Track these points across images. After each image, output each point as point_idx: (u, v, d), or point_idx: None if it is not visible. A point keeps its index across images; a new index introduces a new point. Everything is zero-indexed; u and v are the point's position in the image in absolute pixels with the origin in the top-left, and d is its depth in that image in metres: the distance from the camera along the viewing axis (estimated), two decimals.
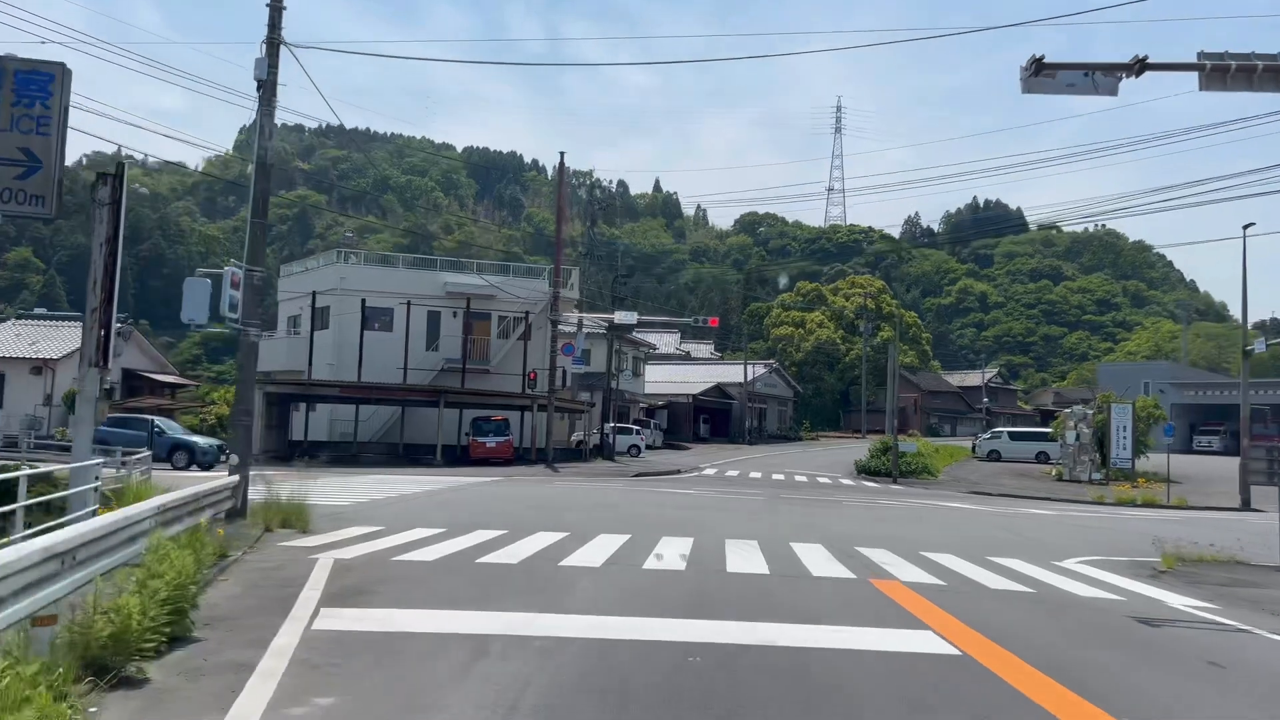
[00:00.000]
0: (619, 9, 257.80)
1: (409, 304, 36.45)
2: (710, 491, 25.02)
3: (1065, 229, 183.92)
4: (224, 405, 33.65)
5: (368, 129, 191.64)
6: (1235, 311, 76.83)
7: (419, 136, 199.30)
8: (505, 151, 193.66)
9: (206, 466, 27.23)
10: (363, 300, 36.16)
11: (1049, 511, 23.99)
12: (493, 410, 35.46)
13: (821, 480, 34.15)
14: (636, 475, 31.28)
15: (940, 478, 38.83)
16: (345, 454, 35.81)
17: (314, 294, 36.25)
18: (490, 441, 33.44)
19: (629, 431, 44.69)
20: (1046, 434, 50.64)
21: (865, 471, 38.75)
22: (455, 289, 38.88)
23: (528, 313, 38.05)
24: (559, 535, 12.90)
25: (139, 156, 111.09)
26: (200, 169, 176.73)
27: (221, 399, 33.57)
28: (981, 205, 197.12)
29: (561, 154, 32.12)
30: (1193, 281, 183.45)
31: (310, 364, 35.80)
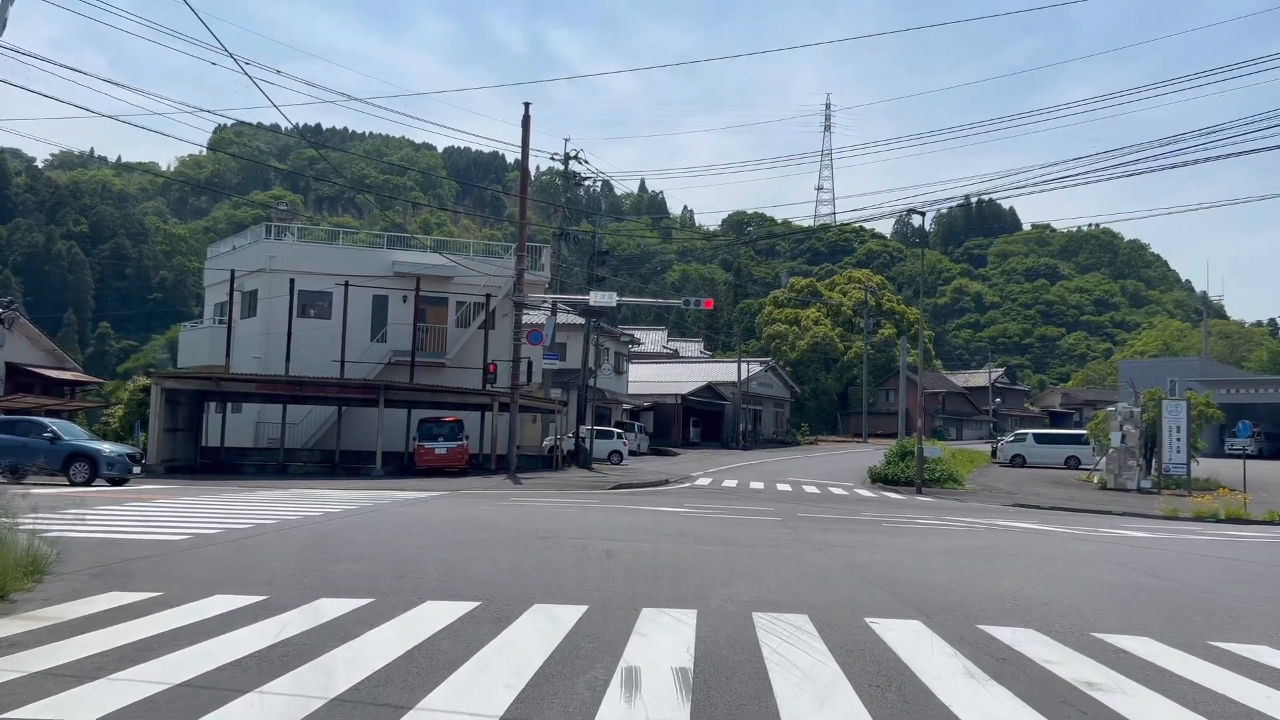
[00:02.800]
0: (603, 16, 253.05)
1: (347, 284, 30.84)
2: (708, 508, 19.57)
3: (1060, 227, 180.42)
4: (130, 406, 27.88)
5: (345, 128, 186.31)
6: (1233, 312, 72.78)
7: (398, 136, 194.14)
8: (488, 152, 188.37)
9: (118, 481, 21.72)
10: (291, 281, 30.62)
11: (1138, 532, 18.61)
12: (445, 410, 29.94)
13: (835, 490, 28.83)
14: (616, 487, 25.82)
15: (968, 486, 33.59)
16: (271, 463, 30.26)
17: (232, 272, 30.59)
18: (440, 448, 27.91)
19: (610, 435, 39.22)
20: (1078, 436, 45.38)
21: (882, 480, 33.46)
22: (405, 269, 33.34)
23: (489, 295, 32.50)
24: (461, 609, 7.43)
25: (111, 156, 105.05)
26: (173, 169, 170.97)
27: (130, 397, 27.79)
28: (974, 204, 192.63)
29: (526, 105, 26.75)
30: (1188, 281, 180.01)
31: (228, 356, 30.22)
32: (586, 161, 33.60)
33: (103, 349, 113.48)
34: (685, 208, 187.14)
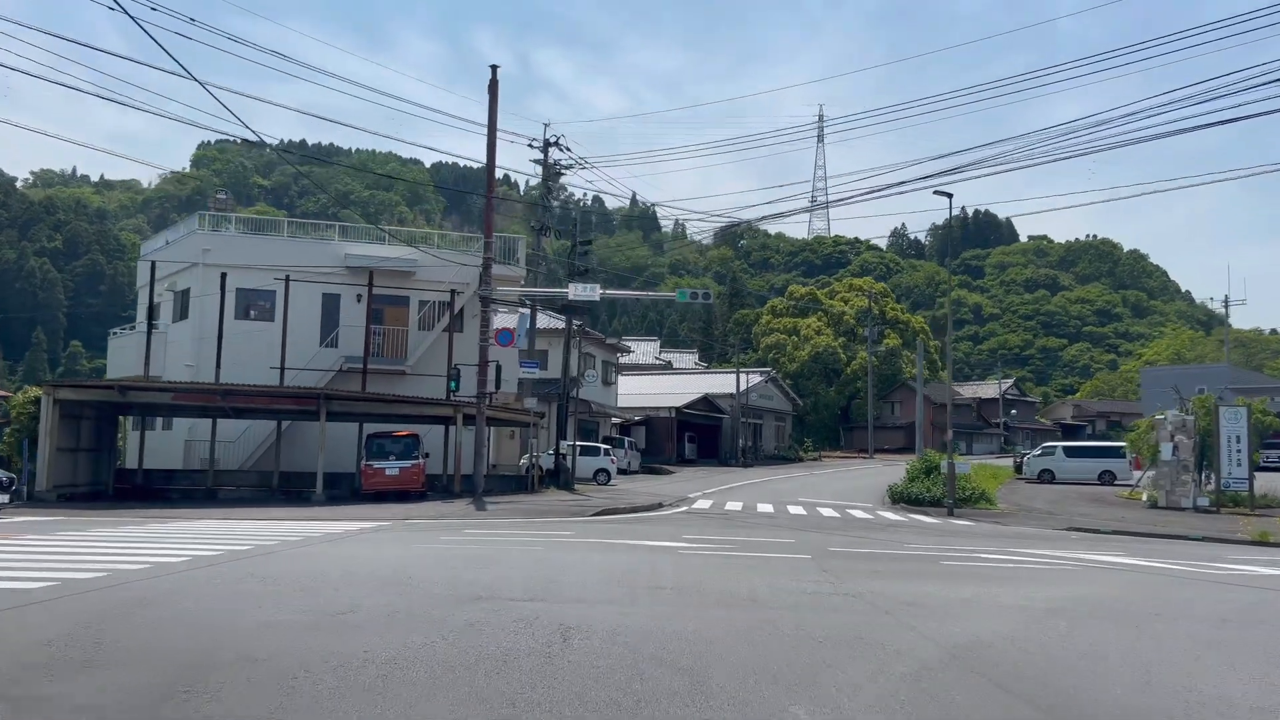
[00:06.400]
0: (589, 37, 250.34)
1: (288, 278, 26.55)
2: (712, 541, 15.30)
3: (1057, 238, 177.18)
4: (21, 421, 23.47)
5: (330, 144, 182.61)
6: (1235, 323, 69.20)
7: (385, 151, 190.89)
8: (476, 167, 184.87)
9: None
10: (223, 276, 26.35)
11: (1269, 569, 14.38)
12: (400, 424, 25.69)
13: (856, 514, 24.65)
14: (599, 513, 21.54)
15: (1000, 506, 29.46)
16: (200, 488, 25.96)
17: (153, 266, 26.30)
18: (391, 468, 23.57)
19: (595, 452, 34.92)
20: (1112, 449, 41.28)
21: (905, 500, 29.32)
22: (359, 262, 29.10)
23: (453, 291, 28.27)
24: None
25: (94, 176, 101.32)
26: (154, 186, 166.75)
27: (19, 411, 23.40)
28: (970, 216, 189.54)
29: (494, 68, 22.67)
30: (1188, 292, 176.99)
31: (147, 363, 25.89)
32: (569, 149, 29.57)
33: (74, 368, 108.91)
34: (677, 222, 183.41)
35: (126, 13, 14.76)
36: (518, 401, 29.42)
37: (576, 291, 24.30)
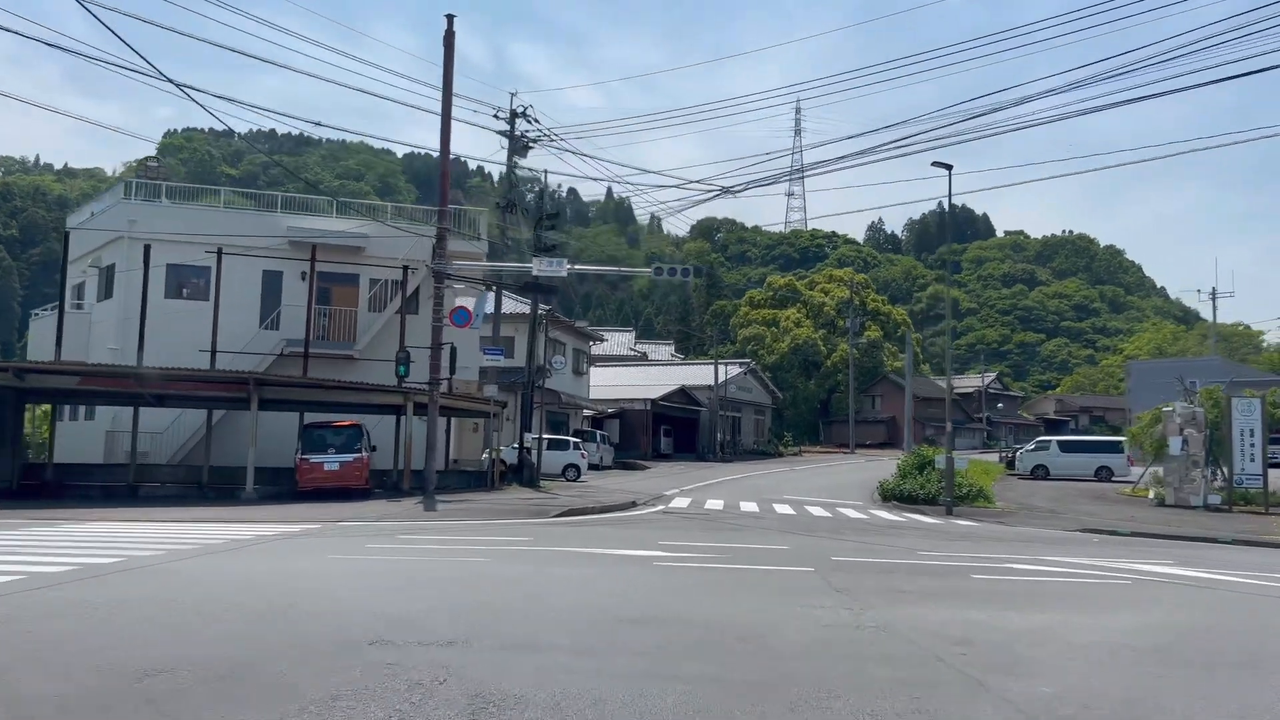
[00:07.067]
0: (566, 31, 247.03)
1: (220, 251, 23.82)
2: (693, 548, 12.88)
3: (1033, 234, 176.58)
4: None
5: (301, 134, 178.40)
6: (1212, 318, 67.90)
7: (357, 141, 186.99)
8: (450, 158, 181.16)
9: None
10: (146, 248, 23.65)
11: None
12: (344, 413, 23.09)
13: (847, 513, 22.40)
14: (563, 515, 19.08)
15: (999, 504, 27.33)
16: (121, 484, 23.26)
17: (66, 236, 23.53)
18: (331, 462, 20.93)
19: (564, 446, 32.44)
20: (1110, 444, 39.36)
21: (897, 498, 27.08)
22: (303, 236, 26.38)
23: (406, 268, 25.66)
24: None
25: (58, 164, 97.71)
26: (118, 174, 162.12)
27: None
28: (947, 210, 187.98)
29: (449, 18, 20.02)
30: (1163, 288, 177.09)
31: (58, 345, 23.13)
32: (536, 121, 27.03)
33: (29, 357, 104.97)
34: (653, 216, 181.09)
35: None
36: (480, 391, 26.92)
37: (541, 266, 21.80)
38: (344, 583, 9.04)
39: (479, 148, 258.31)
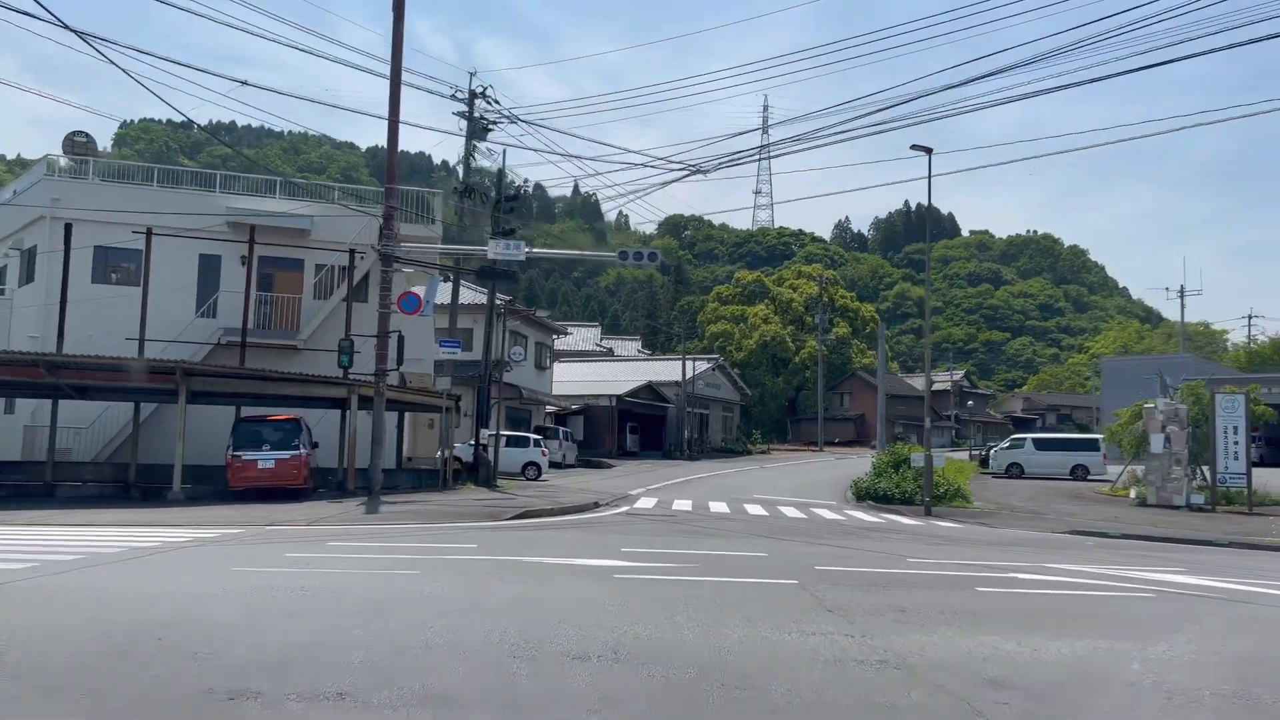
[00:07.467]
0: (531, 27, 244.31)
1: (149, 232, 21.98)
2: (661, 557, 11.41)
3: (998, 233, 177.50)
4: None
5: (262, 126, 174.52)
6: (1176, 317, 68.07)
7: (319, 133, 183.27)
8: (414, 153, 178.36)
9: None
10: (67, 227, 21.76)
11: None
12: (284, 407, 21.36)
13: (822, 513, 21.12)
14: (518, 517, 17.53)
15: (976, 504, 26.26)
16: (37, 483, 21.36)
17: None
18: (266, 459, 19.19)
19: (524, 443, 30.87)
20: (1085, 441, 38.52)
21: (872, 497, 25.87)
22: (243, 217, 24.56)
23: (353, 252, 23.95)
24: None
25: (10, 154, 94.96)
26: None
27: None
28: (914, 209, 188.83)
29: None
30: (1125, 289, 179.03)
31: None
32: (497, 102, 25.46)
33: None
34: (620, 213, 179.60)
35: None
36: (434, 385, 25.28)
37: (498, 250, 20.22)
38: (235, 605, 7.46)
39: (446, 150, 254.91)
